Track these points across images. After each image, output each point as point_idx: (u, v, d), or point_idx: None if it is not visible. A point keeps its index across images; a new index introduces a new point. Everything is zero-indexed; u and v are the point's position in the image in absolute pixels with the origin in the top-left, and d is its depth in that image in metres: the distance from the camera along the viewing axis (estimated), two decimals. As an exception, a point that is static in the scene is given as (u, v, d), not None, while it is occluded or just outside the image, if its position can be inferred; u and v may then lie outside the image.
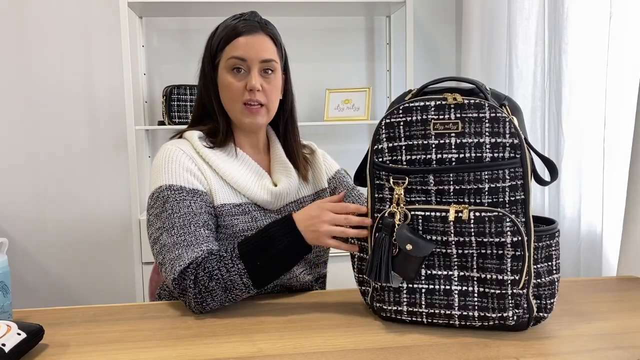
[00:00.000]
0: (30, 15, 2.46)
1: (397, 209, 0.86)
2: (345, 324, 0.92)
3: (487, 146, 0.82)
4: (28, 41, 2.47)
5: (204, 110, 1.17)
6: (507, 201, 0.82)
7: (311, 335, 0.87)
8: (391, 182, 0.86)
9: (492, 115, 0.82)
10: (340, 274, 1.37)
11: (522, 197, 0.82)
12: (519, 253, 0.80)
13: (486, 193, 0.82)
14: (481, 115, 0.82)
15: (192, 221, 1.02)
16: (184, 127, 1.20)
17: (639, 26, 1.44)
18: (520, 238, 0.80)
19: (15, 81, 2.48)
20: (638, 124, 1.23)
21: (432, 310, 0.85)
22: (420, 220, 0.84)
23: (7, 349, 0.75)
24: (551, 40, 1.75)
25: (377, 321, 0.92)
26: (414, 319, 0.88)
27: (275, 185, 1.14)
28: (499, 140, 0.82)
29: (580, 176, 1.65)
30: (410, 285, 0.86)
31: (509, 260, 0.80)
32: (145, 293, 2.28)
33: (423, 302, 0.86)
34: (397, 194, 0.86)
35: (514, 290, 0.81)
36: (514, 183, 0.82)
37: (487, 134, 0.82)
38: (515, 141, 0.81)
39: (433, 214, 0.83)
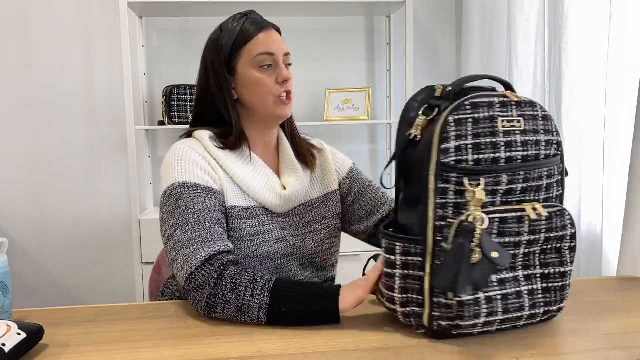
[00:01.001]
0: (30, 15, 2.46)
1: (477, 212, 0.78)
2: (345, 324, 0.92)
3: (542, 143, 0.84)
4: (28, 41, 2.47)
5: (215, 113, 1.14)
6: (554, 196, 0.86)
7: (311, 335, 0.87)
8: (466, 184, 0.79)
9: (543, 113, 0.86)
10: (341, 274, 1.37)
11: (561, 191, 0.88)
12: (574, 244, 0.85)
13: (543, 189, 0.85)
14: (535, 113, 0.85)
15: (207, 218, 1.01)
16: (188, 127, 1.19)
17: (639, 26, 1.44)
18: (574, 230, 0.84)
19: (16, 81, 2.48)
20: (638, 124, 1.23)
21: (507, 316, 0.81)
22: (497, 224, 0.79)
23: (7, 349, 0.75)
24: (551, 40, 1.75)
25: (377, 321, 0.92)
26: (485, 329, 0.82)
27: (285, 189, 1.14)
28: (549, 138, 0.85)
29: (580, 176, 1.65)
30: (487, 294, 0.80)
31: (567, 252, 0.85)
32: (145, 293, 2.28)
33: (500, 309, 0.81)
34: (476, 197, 0.79)
35: (570, 280, 0.86)
36: (559, 178, 0.87)
37: (541, 131, 0.84)
38: (559, 139, 0.86)
39: (510, 215, 0.79)
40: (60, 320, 0.97)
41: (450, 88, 0.85)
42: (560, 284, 0.85)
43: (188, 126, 1.20)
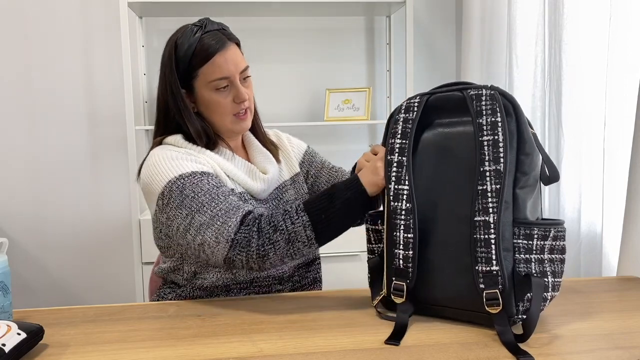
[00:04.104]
0: (30, 16, 2.46)
1: None
2: (345, 324, 0.92)
3: None
4: (28, 41, 2.47)
5: (174, 123, 1.15)
6: None
7: (311, 335, 0.87)
8: None
9: None
10: (341, 273, 1.37)
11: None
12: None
13: None
14: None
15: (219, 193, 1.03)
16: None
17: (639, 26, 1.44)
18: None
19: (16, 81, 2.48)
20: (638, 124, 1.23)
21: None
22: None
23: (7, 349, 0.75)
24: (551, 40, 1.75)
25: (377, 321, 0.92)
26: None
27: (265, 174, 1.20)
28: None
29: (580, 176, 1.65)
30: None
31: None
32: (145, 293, 2.28)
33: None
34: None
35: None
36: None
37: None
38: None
39: None
40: (60, 320, 0.97)
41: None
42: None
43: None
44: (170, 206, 1.04)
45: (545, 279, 0.85)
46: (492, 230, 0.83)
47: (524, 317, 0.84)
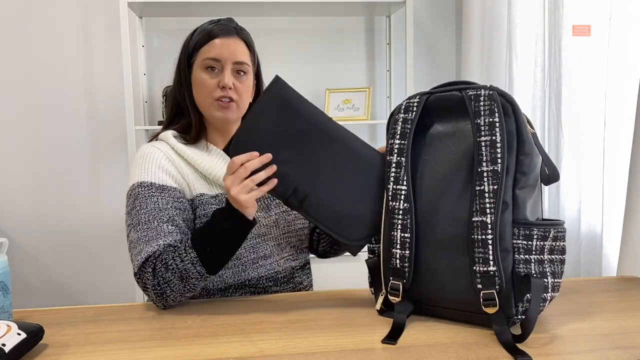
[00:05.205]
0: (30, 16, 2.46)
1: None
2: (345, 324, 0.92)
3: None
4: (28, 41, 2.47)
5: (178, 109, 1.21)
6: None
7: (311, 335, 0.87)
8: None
9: None
10: (339, 274, 1.37)
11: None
12: None
13: None
14: None
15: (157, 216, 1.05)
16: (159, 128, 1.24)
17: (639, 26, 1.44)
18: None
19: (16, 81, 2.48)
20: (638, 124, 1.23)
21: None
22: None
23: (7, 349, 0.75)
24: (551, 40, 1.75)
25: (377, 321, 0.92)
26: None
27: None
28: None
29: (580, 176, 1.65)
30: None
31: None
32: (145, 293, 2.28)
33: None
34: None
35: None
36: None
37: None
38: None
39: None
40: (60, 320, 0.97)
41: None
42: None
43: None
44: (126, 209, 1.10)
45: (545, 280, 0.85)
46: (490, 231, 0.83)
47: (523, 317, 0.84)
